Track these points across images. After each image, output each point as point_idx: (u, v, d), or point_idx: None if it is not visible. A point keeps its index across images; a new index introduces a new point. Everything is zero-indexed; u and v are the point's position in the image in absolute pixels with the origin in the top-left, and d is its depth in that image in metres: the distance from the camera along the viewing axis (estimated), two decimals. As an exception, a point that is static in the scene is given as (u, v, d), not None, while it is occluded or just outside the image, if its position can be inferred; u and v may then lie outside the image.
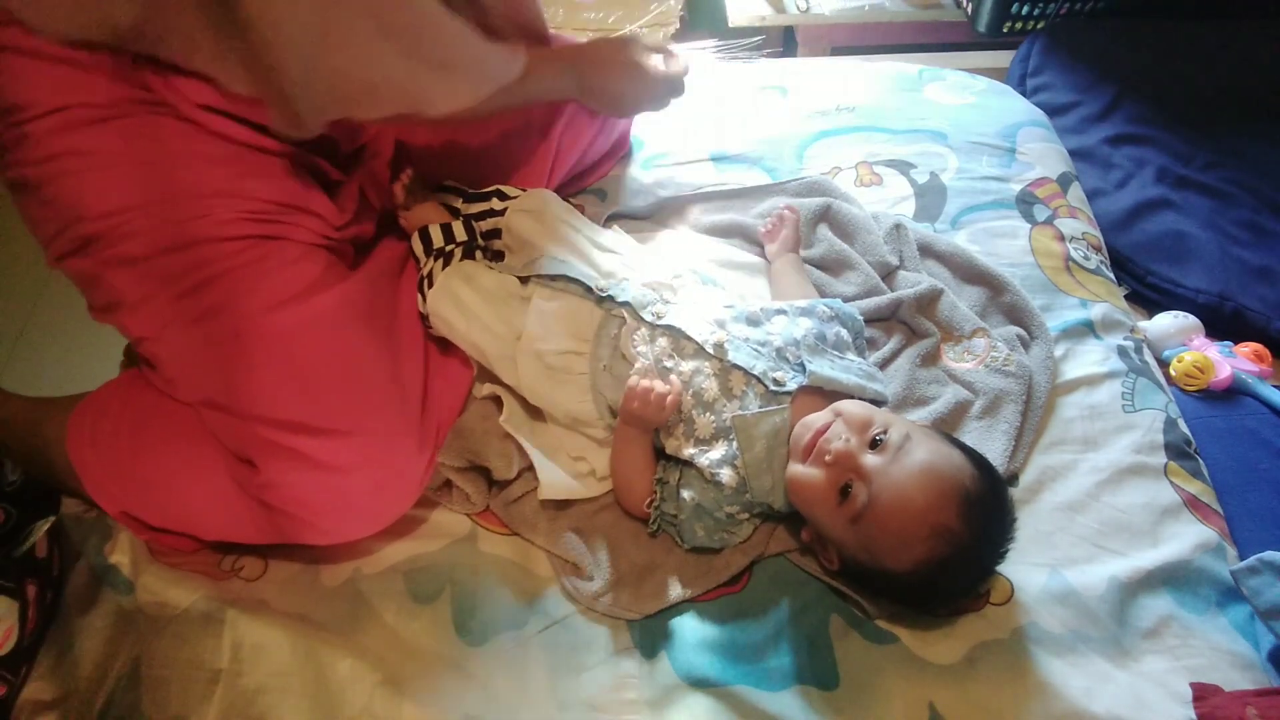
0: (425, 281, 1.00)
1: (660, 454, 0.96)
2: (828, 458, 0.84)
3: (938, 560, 0.82)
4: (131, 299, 0.86)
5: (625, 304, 0.96)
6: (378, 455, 0.88)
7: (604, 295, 0.97)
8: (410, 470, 0.91)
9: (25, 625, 0.86)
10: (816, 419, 0.89)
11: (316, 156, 0.96)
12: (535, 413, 1.01)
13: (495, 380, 1.01)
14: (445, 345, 1.01)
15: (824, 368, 0.93)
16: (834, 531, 0.86)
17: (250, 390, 0.85)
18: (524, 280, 1.00)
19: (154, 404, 0.92)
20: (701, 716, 0.83)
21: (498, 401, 1.01)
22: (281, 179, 0.91)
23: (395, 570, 0.94)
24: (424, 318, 1.01)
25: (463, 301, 0.97)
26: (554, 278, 0.99)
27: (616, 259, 1.04)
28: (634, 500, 0.95)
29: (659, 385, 0.90)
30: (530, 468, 0.97)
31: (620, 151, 1.35)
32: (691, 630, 0.89)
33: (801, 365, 0.93)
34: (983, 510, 0.84)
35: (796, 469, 0.88)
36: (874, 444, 0.85)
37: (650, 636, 0.89)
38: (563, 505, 0.97)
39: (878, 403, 0.95)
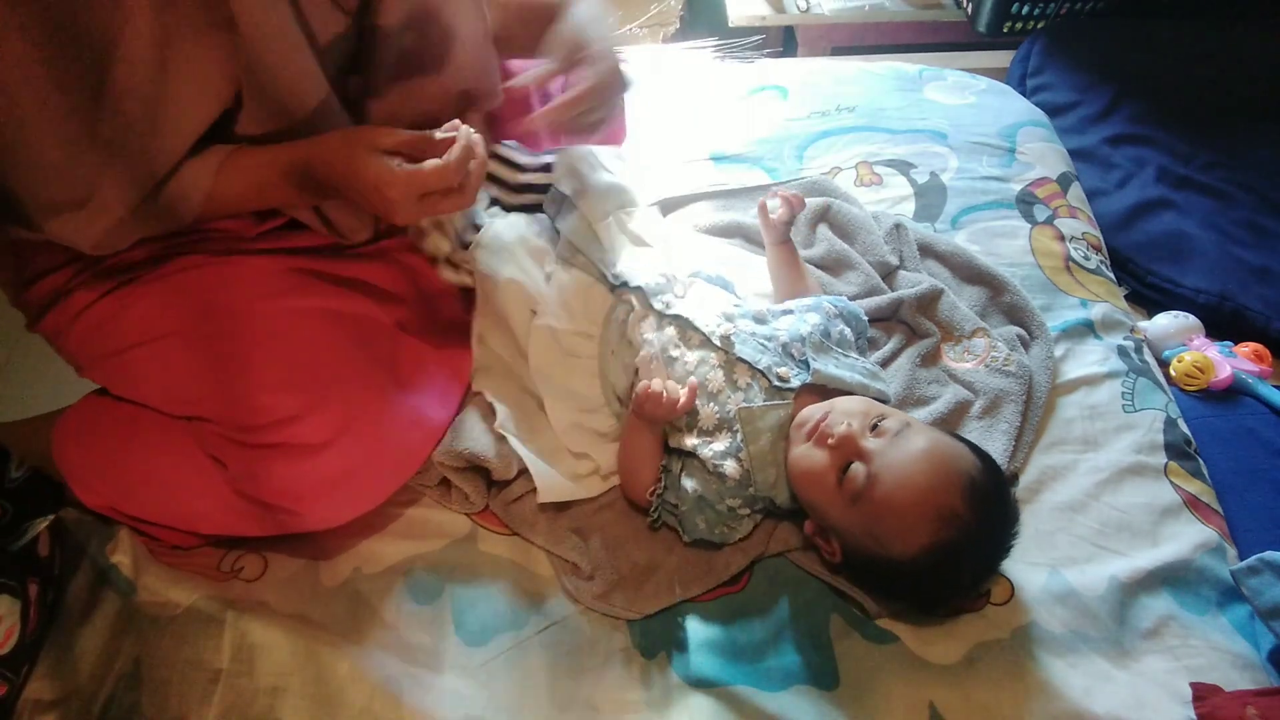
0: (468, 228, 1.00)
1: (665, 444, 0.96)
2: (830, 440, 0.86)
3: (943, 545, 0.82)
4: (90, 353, 0.90)
5: (637, 289, 0.97)
6: (350, 427, 0.87)
7: (617, 283, 0.98)
8: (389, 442, 0.90)
9: (27, 624, 0.86)
10: (816, 409, 0.90)
11: None
12: (534, 414, 1.01)
13: (493, 380, 1.01)
14: (443, 336, 1.01)
15: (828, 365, 0.94)
16: (836, 516, 0.87)
17: (214, 383, 0.86)
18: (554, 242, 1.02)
19: (139, 405, 0.93)
20: (701, 716, 0.83)
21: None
22: None
23: (395, 570, 0.94)
24: (447, 262, 1.01)
25: (506, 243, 0.98)
26: (576, 250, 1.00)
27: (639, 249, 1.04)
28: (638, 488, 0.95)
29: (670, 388, 0.90)
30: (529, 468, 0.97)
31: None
32: (691, 630, 0.89)
33: (805, 363, 0.94)
34: (987, 496, 0.84)
35: (799, 450, 0.88)
36: (874, 429, 0.87)
37: (650, 636, 0.89)
38: (563, 505, 0.97)
39: (880, 401, 0.96)
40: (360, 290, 0.97)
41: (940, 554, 0.82)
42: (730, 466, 0.90)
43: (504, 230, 1.03)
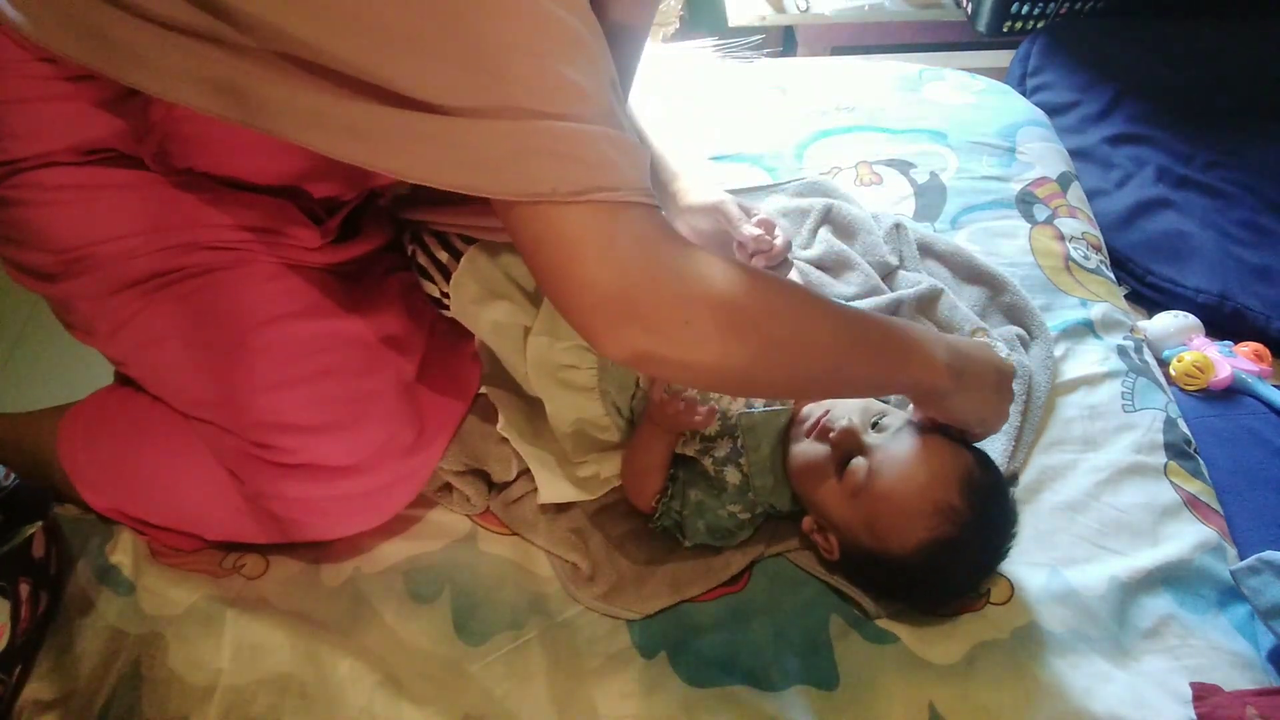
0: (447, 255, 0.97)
1: None
2: (832, 435, 0.86)
3: (941, 541, 0.82)
4: (114, 323, 0.84)
5: None
6: (371, 453, 0.87)
7: None
8: (407, 467, 0.90)
9: (17, 624, 0.86)
10: (817, 407, 0.90)
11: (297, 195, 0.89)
12: (535, 415, 1.00)
13: (494, 383, 1.01)
14: (452, 343, 1.01)
15: (825, 366, 0.94)
16: (836, 511, 0.87)
17: (238, 396, 0.85)
18: None
19: (150, 405, 0.92)
20: (702, 716, 0.83)
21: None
22: (259, 207, 0.86)
23: (395, 570, 0.94)
24: (438, 301, 0.99)
25: (485, 276, 0.96)
26: None
27: None
28: (644, 497, 0.94)
29: (689, 397, 0.89)
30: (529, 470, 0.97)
31: None
32: (691, 630, 0.89)
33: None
34: (985, 494, 0.84)
35: (800, 446, 0.89)
36: (874, 426, 0.87)
37: (650, 636, 0.89)
38: (563, 506, 0.97)
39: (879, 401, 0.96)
40: (380, 305, 0.96)
41: (937, 550, 0.82)
42: (731, 473, 0.90)
43: (481, 260, 0.96)
